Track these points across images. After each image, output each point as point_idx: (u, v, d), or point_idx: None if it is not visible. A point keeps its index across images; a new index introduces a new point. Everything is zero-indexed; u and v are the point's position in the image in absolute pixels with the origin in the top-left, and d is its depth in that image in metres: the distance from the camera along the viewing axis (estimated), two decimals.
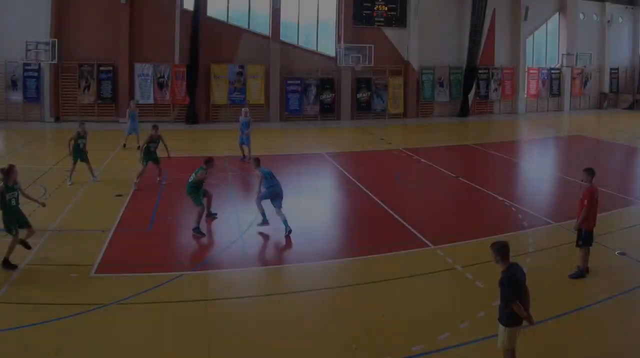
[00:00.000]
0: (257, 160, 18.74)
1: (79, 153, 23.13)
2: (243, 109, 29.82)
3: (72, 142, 22.91)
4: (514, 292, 9.15)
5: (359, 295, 13.45)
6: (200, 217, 17.75)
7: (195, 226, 17.47)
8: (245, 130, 28.29)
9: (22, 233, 14.78)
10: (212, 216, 19.27)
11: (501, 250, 9.34)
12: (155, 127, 23.46)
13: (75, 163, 23.08)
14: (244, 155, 28.43)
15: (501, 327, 9.40)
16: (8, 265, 14.21)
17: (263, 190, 18.04)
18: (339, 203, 22.62)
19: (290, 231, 17.42)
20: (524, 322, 9.38)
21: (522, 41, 52.23)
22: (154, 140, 23.16)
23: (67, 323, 11.51)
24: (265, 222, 18.08)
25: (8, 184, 14.70)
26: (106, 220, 18.31)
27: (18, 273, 13.99)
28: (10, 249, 14.33)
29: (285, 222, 17.51)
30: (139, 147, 28.29)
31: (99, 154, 25.80)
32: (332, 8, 46.81)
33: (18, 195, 15.01)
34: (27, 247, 15.02)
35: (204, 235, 17.55)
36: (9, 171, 14.80)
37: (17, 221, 14.79)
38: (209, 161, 18.34)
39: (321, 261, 15.62)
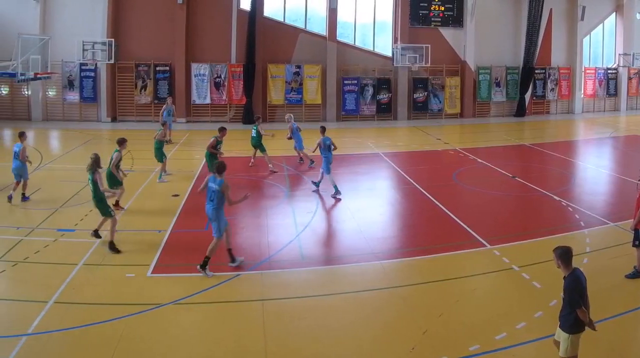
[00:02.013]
0: (324, 128, 22.10)
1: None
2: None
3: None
4: (579, 297, 8.76)
5: (416, 295, 13.06)
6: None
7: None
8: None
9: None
10: None
11: (563, 255, 8.99)
12: (222, 129, 22.55)
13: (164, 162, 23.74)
14: (300, 158, 27.16)
15: (564, 335, 8.97)
16: (114, 247, 15.15)
17: (322, 158, 21.13)
18: (396, 203, 21.70)
19: (317, 188, 21.63)
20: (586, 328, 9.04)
21: (579, 41, 49.62)
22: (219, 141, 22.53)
23: (124, 323, 11.30)
24: (337, 192, 21.02)
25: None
26: (163, 221, 18.08)
27: (75, 272, 13.63)
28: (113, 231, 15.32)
29: (318, 182, 21.73)
30: (169, 141, 30.58)
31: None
32: (388, 8, 45.15)
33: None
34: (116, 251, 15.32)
35: None
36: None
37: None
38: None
39: (378, 261, 15.06)
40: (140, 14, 39.87)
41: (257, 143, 25.60)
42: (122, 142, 18.83)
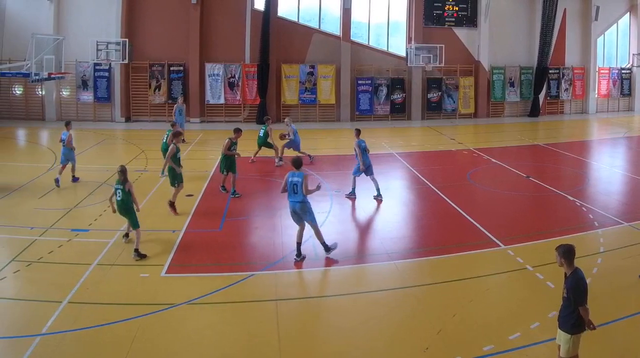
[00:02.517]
0: (358, 131, 21.15)
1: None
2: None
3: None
4: (584, 295, 8.71)
5: (430, 295, 12.98)
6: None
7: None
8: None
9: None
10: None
11: (566, 254, 8.82)
12: (237, 131, 21.72)
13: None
14: (310, 156, 27.20)
15: (566, 336, 8.89)
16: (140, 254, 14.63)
17: (357, 161, 20.37)
18: (410, 203, 21.54)
19: (380, 197, 20.51)
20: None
21: (593, 41, 49.33)
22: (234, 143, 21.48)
23: (137, 323, 11.25)
24: (352, 193, 20.85)
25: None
26: (177, 220, 17.98)
27: (89, 272, 13.56)
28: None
29: (378, 188, 20.52)
30: (183, 140, 29.69)
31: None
32: (402, 8, 45.01)
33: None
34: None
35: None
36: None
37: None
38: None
39: (392, 261, 14.99)
40: (154, 14, 39.89)
41: (263, 142, 26.00)
42: (176, 135, 19.43)
